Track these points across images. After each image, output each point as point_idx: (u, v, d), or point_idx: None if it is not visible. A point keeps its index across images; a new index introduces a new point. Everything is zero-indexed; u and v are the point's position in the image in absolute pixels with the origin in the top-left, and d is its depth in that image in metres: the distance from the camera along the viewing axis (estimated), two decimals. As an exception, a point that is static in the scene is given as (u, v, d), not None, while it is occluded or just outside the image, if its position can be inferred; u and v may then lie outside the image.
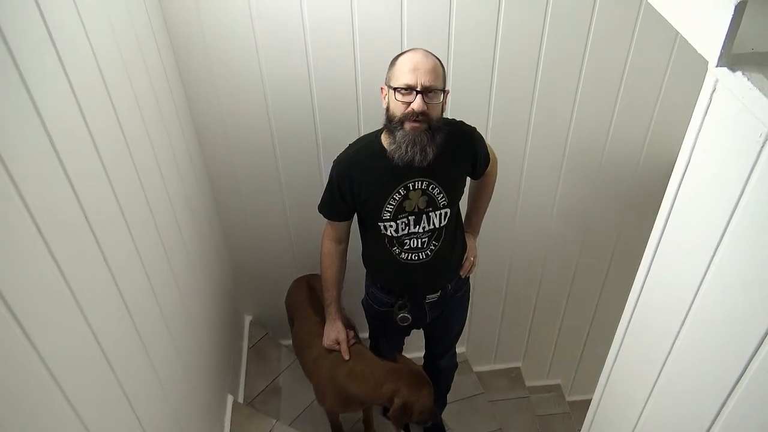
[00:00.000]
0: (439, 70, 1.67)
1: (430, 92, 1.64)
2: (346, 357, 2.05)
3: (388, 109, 1.72)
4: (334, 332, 2.07)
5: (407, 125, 1.66)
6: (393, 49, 2.02)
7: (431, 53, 1.68)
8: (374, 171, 1.79)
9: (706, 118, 0.99)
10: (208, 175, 2.39)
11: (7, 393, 0.83)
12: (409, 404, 1.93)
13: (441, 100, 1.69)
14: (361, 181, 1.81)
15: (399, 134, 1.67)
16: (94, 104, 1.24)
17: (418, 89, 1.62)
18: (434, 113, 1.67)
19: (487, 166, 1.98)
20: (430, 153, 1.69)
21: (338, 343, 2.06)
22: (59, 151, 1.03)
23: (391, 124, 1.70)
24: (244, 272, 2.77)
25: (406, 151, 1.67)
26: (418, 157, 1.68)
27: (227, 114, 2.23)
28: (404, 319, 2.07)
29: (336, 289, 2.06)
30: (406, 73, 1.63)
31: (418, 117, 1.64)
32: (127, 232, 1.36)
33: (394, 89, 1.66)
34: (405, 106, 1.65)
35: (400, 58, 1.69)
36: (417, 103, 1.63)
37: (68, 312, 1.03)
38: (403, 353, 2.43)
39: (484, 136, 1.94)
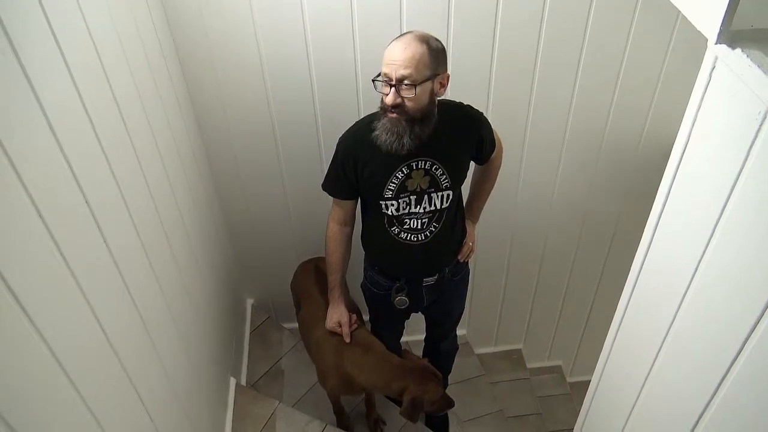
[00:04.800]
0: (419, 58, 1.61)
1: (404, 83, 1.63)
2: (347, 340, 2.06)
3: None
4: (336, 315, 2.08)
5: (387, 115, 1.69)
6: (392, 32, 2.00)
7: (416, 40, 1.61)
8: (378, 149, 1.79)
9: (705, 95, 0.98)
10: (208, 159, 2.38)
11: (11, 376, 0.84)
12: (419, 399, 1.96)
13: (416, 92, 1.63)
14: (365, 158, 1.81)
15: (380, 123, 1.72)
16: (92, 88, 1.24)
17: (392, 82, 1.63)
18: (412, 104, 1.66)
19: (492, 151, 1.97)
20: (407, 143, 1.71)
21: (340, 326, 2.08)
22: (57, 135, 1.03)
23: (381, 111, 1.74)
24: (245, 256, 2.78)
25: (385, 140, 1.71)
26: (395, 146, 1.71)
27: (227, 97, 2.23)
28: (402, 302, 2.08)
29: (340, 273, 2.07)
30: (384, 64, 1.65)
31: (391, 109, 1.66)
32: (128, 216, 1.37)
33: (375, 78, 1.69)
34: (385, 96, 1.67)
35: (386, 48, 1.67)
36: (389, 96, 1.65)
37: (71, 296, 1.04)
38: (404, 336, 2.45)
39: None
